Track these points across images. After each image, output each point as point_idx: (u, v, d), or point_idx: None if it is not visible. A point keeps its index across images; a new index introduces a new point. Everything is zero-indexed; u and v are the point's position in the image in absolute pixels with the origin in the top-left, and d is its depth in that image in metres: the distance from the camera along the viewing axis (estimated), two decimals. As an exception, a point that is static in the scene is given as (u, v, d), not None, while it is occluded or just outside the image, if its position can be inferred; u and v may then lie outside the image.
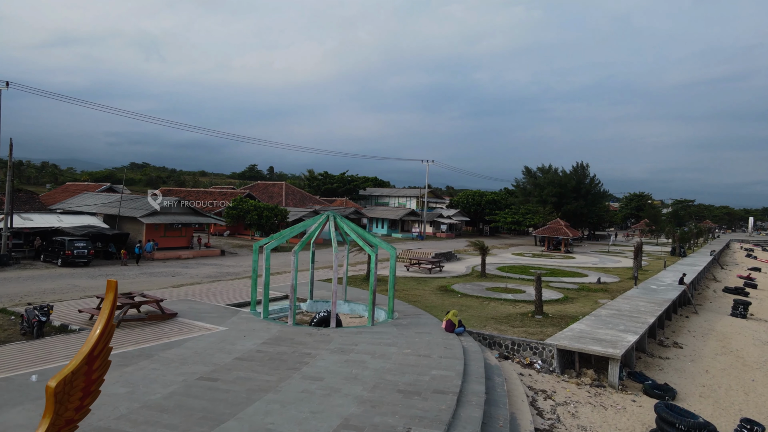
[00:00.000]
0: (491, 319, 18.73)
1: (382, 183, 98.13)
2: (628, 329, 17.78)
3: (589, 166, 72.49)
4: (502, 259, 42.78)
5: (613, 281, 31.33)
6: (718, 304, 33.73)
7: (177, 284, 23.71)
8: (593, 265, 41.43)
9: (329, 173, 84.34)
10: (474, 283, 27.65)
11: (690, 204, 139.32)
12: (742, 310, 29.60)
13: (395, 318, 17.70)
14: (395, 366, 12.17)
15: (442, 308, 20.24)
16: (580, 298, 24.37)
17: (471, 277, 30.27)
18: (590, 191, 72.05)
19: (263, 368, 11.61)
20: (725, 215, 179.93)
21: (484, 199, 78.86)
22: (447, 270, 33.16)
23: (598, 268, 38.67)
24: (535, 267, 36.81)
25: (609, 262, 43.84)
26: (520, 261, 41.40)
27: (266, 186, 66.13)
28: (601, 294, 26.00)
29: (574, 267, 38.83)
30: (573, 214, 67.88)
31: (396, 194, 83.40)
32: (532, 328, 17.52)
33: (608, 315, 20.20)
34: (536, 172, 73.13)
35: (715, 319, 27.72)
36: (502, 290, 25.53)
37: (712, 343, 21.96)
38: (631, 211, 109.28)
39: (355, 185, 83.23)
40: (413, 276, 29.64)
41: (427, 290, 24.76)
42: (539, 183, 70.10)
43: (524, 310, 20.84)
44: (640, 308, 22.04)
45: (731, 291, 38.05)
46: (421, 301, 21.58)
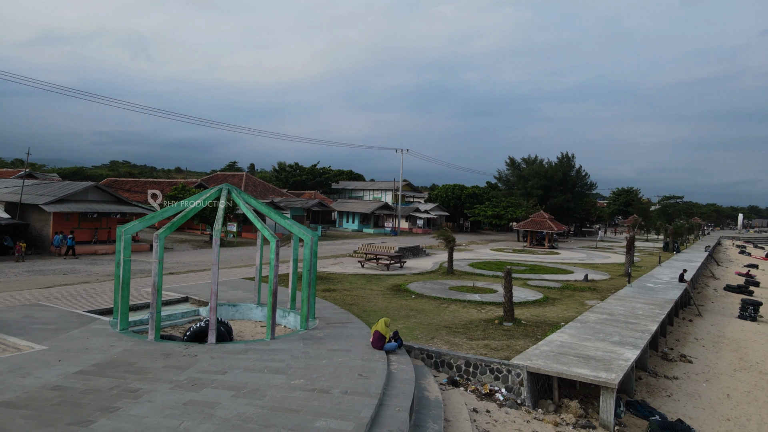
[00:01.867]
0: (444, 328, 14.30)
1: (357, 176, 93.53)
2: (624, 341, 13.47)
3: (575, 157, 68.62)
4: (478, 254, 38.50)
5: (602, 278, 27.19)
6: (721, 304, 29.81)
7: (50, 284, 18.89)
8: (580, 261, 37.35)
9: (299, 165, 79.56)
10: (436, 282, 23.24)
11: (679, 200, 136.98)
12: (752, 312, 25.63)
13: (313, 327, 13.20)
14: (263, 412, 7.66)
15: (385, 313, 15.79)
16: (564, 299, 20.09)
17: (435, 275, 25.87)
18: (577, 183, 68.20)
19: (27, 424, 7.00)
20: (713, 212, 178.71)
21: (465, 192, 74.57)
22: (410, 266, 28.74)
23: (585, 264, 34.57)
24: (514, 263, 32.57)
25: (597, 258, 39.82)
26: (497, 256, 37.14)
27: (225, 177, 61.15)
28: (588, 294, 21.76)
29: (558, 263, 34.70)
30: (559, 208, 63.96)
31: (371, 187, 78.84)
32: (498, 341, 13.13)
33: (598, 321, 15.91)
34: (520, 163, 69.09)
35: (722, 322, 23.68)
36: (469, 290, 21.14)
37: (726, 354, 17.80)
38: (619, 207, 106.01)
39: (327, 178, 78.53)
40: (367, 273, 25.15)
41: (376, 290, 20.28)
42: (523, 175, 66.08)
43: (491, 315, 16.46)
44: (637, 311, 17.80)
45: (734, 289, 34.24)
46: (361, 305, 17.09)
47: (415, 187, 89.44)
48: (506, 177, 69.62)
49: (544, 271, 29.07)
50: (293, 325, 14.27)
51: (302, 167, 78.68)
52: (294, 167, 79.06)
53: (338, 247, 40.45)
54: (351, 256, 32.77)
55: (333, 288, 20.02)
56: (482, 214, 61.56)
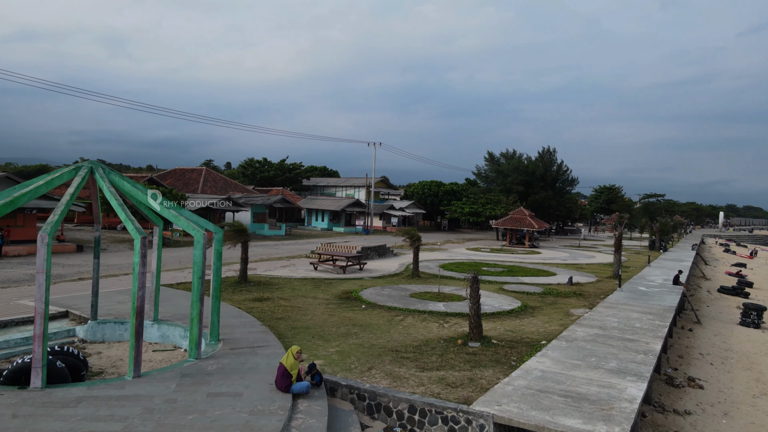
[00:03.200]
0: (390, 353, 11.00)
1: (331, 173, 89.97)
2: (624, 368, 10.34)
3: (556, 151, 66.12)
4: (452, 254, 35.37)
5: (588, 281, 24.23)
6: (718, 308, 27.13)
7: None
8: (562, 261, 34.47)
9: (268, 160, 75.65)
10: (396, 287, 19.95)
11: (660, 198, 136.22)
12: (755, 318, 22.89)
13: (209, 355, 9.79)
14: None
15: (321, 329, 12.47)
16: (545, 308, 16.98)
17: (398, 278, 22.61)
18: (558, 179, 65.68)
19: None
20: (693, 211, 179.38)
21: (442, 189, 71.58)
22: (371, 268, 25.43)
23: (568, 265, 31.67)
24: (490, 264, 29.48)
25: (581, 258, 37.02)
26: (473, 257, 34.05)
27: (183, 172, 57.15)
28: (574, 300, 18.71)
29: (539, 263, 31.74)
30: (540, 205, 61.33)
31: (343, 184, 75.35)
32: (458, 371, 9.89)
33: (588, 337, 12.78)
34: (500, 159, 66.33)
35: (725, 331, 20.87)
36: (433, 296, 17.89)
37: (739, 374, 14.86)
38: (601, 205, 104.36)
39: (297, 174, 74.81)
40: (318, 277, 21.76)
41: (321, 299, 16.92)
42: (502, 170, 63.30)
43: (455, 331, 13.23)
44: (634, 323, 14.75)
45: (729, 291, 31.69)
46: (293, 318, 13.71)
47: (391, 184, 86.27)
48: (485, 173, 66.79)
49: (524, 273, 26.02)
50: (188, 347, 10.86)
51: (271, 163, 74.79)
52: (262, 163, 75.14)
53: (299, 246, 36.98)
54: (308, 257, 29.35)
55: (267, 296, 16.59)
56: (459, 211, 58.56)
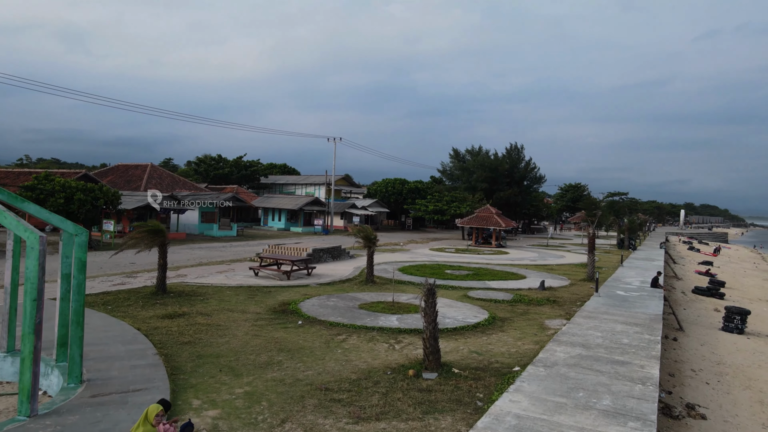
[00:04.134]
0: (316, 394, 8.36)
1: (291, 171, 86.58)
2: (620, 406, 7.97)
3: (524, 148, 64.69)
4: (414, 256, 32.96)
5: (561, 285, 22.15)
6: (695, 311, 25.56)
7: None
8: (532, 261, 32.50)
9: (223, 157, 71.84)
10: (345, 296, 17.31)
11: (623, 197, 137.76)
12: (738, 323, 21.24)
13: (61, 404, 6.94)
14: None
15: (237, 358, 9.73)
16: (516, 319, 14.65)
17: (350, 285, 19.98)
18: (525, 176, 64.27)
19: None
20: (655, 209, 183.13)
21: (406, 187, 69.28)
22: (322, 273, 22.73)
23: (538, 267, 29.66)
24: (454, 266, 27.16)
25: (551, 258, 35.18)
26: (436, 258, 31.71)
27: (127, 168, 53.04)
28: (548, 309, 16.47)
29: (507, 265, 29.63)
30: (506, 203, 59.71)
31: (303, 182, 72.18)
32: (404, 421, 7.32)
33: (570, 361, 10.44)
34: (465, 155, 64.47)
35: (710, 339, 19.07)
36: (386, 308, 15.33)
37: (740, 396, 12.84)
38: (566, 203, 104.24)
39: (254, 171, 71.24)
40: (256, 285, 18.91)
41: (251, 313, 14.13)
42: (468, 167, 61.45)
43: (407, 356, 10.71)
44: (620, 338, 12.54)
45: (703, 292, 30.31)
46: (204, 342, 10.92)
47: (354, 182, 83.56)
48: (450, 170, 64.84)
49: (491, 276, 23.77)
50: (55, 389, 8.03)
51: (226, 159, 71.02)
52: (217, 160, 71.28)
53: (249, 248, 33.92)
54: (253, 261, 26.41)
55: (183, 312, 13.71)
56: (423, 209, 56.33)
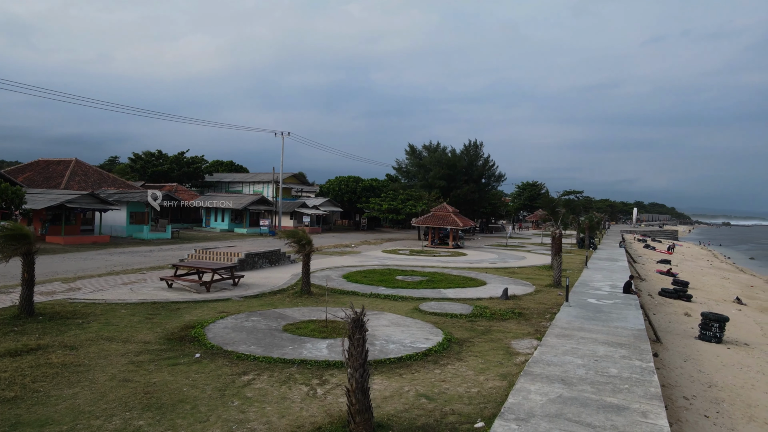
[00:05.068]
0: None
1: (239, 168, 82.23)
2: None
3: (483, 145, 62.91)
4: (365, 259, 30.11)
5: (526, 293, 19.74)
6: (665, 316, 23.81)
7: None
8: (491, 263, 30.21)
9: (163, 153, 67.01)
10: (271, 313, 14.25)
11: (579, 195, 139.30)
12: (716, 331, 19.44)
13: None
14: None
15: (73, 425, 6.56)
16: (477, 341, 12.00)
17: (282, 297, 16.92)
18: (484, 174, 62.53)
19: None
20: (608, 207, 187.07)
21: (360, 185, 66.47)
22: (252, 282, 19.56)
23: (498, 270, 27.34)
24: (407, 271, 24.45)
25: (511, 260, 33.03)
26: (388, 262, 28.95)
27: (47, 164, 47.93)
28: (515, 326, 13.92)
29: (465, 268, 27.19)
30: (463, 201, 57.74)
31: (251, 180, 68.22)
32: None
33: (549, 407, 7.79)
34: (421, 152, 62.14)
35: (690, 351, 17.06)
36: (317, 329, 12.36)
37: (746, 431, 10.61)
38: (524, 202, 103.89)
39: (197, 168, 66.74)
40: (165, 300, 15.59)
41: (136, 342, 10.92)
42: (424, 164, 59.14)
43: (329, 411, 7.80)
44: (606, 366, 10.06)
45: (670, 294, 28.80)
46: (43, 393, 7.69)
47: (306, 180, 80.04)
48: (406, 167, 62.39)
49: (447, 282, 21.15)
50: None
51: (166, 155, 66.25)
52: (156, 156, 66.40)
53: (180, 253, 30.24)
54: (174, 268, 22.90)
55: (43, 343, 10.36)
56: (377, 208, 53.59)
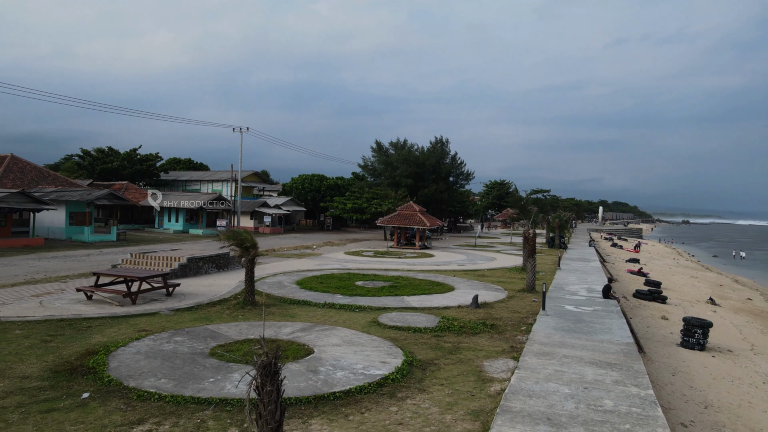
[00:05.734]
0: None
1: (198, 166, 78.85)
2: None
3: (449, 142, 61.55)
4: (325, 261, 28.04)
5: (498, 299, 18.04)
6: (643, 320, 22.57)
7: None
8: (460, 265, 28.56)
9: (114, 149, 63.32)
10: (201, 330, 12.07)
11: (546, 194, 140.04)
12: (700, 338, 18.18)
13: None
14: None
15: None
16: (444, 364, 10.13)
17: (221, 309, 14.73)
18: (451, 172, 61.18)
19: None
20: (574, 206, 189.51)
21: (325, 184, 64.25)
22: (191, 291, 17.29)
23: (467, 272, 25.68)
24: (368, 275, 22.49)
25: (481, 261, 31.48)
26: (349, 265, 26.96)
27: (-20, 160, 44.09)
28: (486, 340, 12.13)
29: (432, 271, 25.44)
30: (431, 200, 56.23)
31: (209, 178, 65.19)
32: None
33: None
34: (388, 149, 60.36)
35: (677, 362, 15.65)
36: (251, 355, 10.26)
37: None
38: (492, 201, 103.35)
39: (150, 165, 63.30)
40: (76, 316, 13.23)
41: (13, 378, 8.63)
42: (391, 161, 57.38)
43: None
44: (598, 396, 8.33)
45: (645, 296, 27.70)
46: None
47: (268, 179, 77.28)
48: (372, 165, 60.49)
49: (411, 288, 19.28)
50: None
51: (117, 152, 62.61)
52: (106, 152, 62.67)
53: (121, 257, 27.56)
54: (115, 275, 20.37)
55: None
56: (341, 207, 51.51)
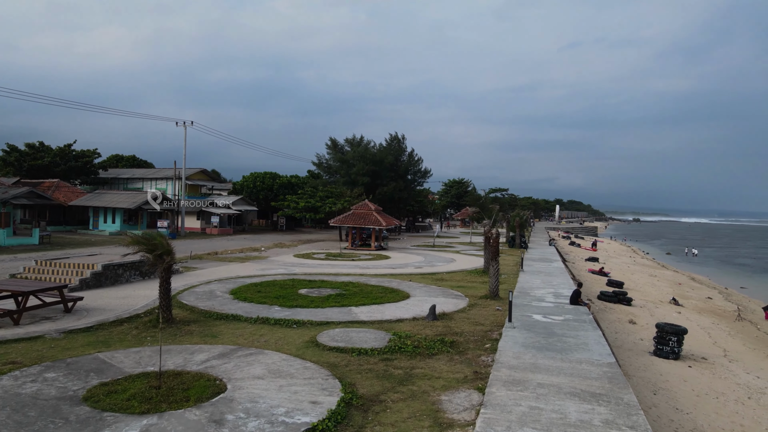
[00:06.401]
0: None
1: (142, 164, 74.40)
2: None
3: (405, 138, 59.81)
4: (269, 266, 25.64)
5: (457, 308, 16.18)
6: (611, 324, 21.27)
7: None
8: (417, 268, 26.69)
9: (45, 144, 58.56)
10: (88, 360, 9.63)
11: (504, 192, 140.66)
12: (674, 346, 16.87)
13: None
14: None
15: None
16: (391, 401, 8.09)
17: (127, 329, 12.25)
18: (409, 169, 59.49)
19: None
20: (531, 205, 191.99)
21: (278, 182, 61.43)
22: (96, 305, 14.67)
23: (425, 276, 23.81)
24: (315, 281, 20.26)
25: (439, 262, 29.73)
26: (296, 269, 24.65)
27: None
28: (445, 363, 10.17)
29: (386, 275, 23.44)
30: (389, 199, 54.36)
31: (152, 176, 61.24)
32: None
33: None
34: (344, 146, 58.11)
35: (654, 376, 14.18)
36: (138, 397, 7.92)
37: None
38: (451, 199, 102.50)
39: (86, 162, 58.90)
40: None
41: None
42: (347, 159, 55.15)
43: None
44: (586, 444, 6.46)
45: (610, 298, 26.57)
46: None
47: (217, 177, 73.69)
48: (327, 162, 58.09)
49: (362, 296, 17.19)
50: None
51: (48, 148, 57.94)
52: (37, 148, 57.87)
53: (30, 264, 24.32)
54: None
55: None
56: (293, 206, 48.94)
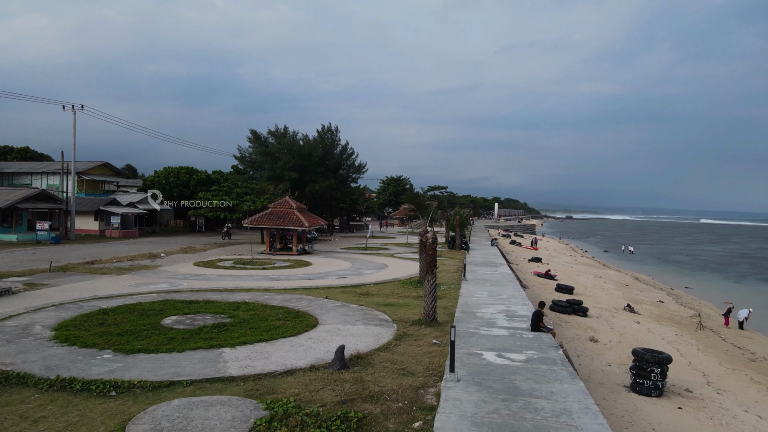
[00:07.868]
0: None
1: (40, 157, 65.87)
2: None
3: (339, 130, 55.35)
4: (154, 278, 20.47)
5: (380, 345, 11.93)
6: (569, 343, 17.74)
7: None
8: (339, 278, 22.29)
9: None
10: None
11: (443, 191, 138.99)
12: (657, 378, 13.38)
13: None
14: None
15: None
16: None
17: None
18: (342, 164, 55.05)
19: None
20: (470, 203, 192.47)
21: (194, 178, 55.25)
22: None
23: (347, 289, 19.43)
24: (198, 301, 15.41)
25: (368, 270, 25.50)
26: (184, 283, 19.64)
27: None
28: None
29: (298, 289, 18.92)
30: (321, 197, 49.72)
31: (43, 170, 53.52)
32: None
33: None
34: (267, 138, 52.80)
35: (642, 429, 10.52)
36: None
37: None
38: (389, 197, 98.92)
39: (-39, 154, 50.56)
40: None
41: None
42: (271, 151, 49.95)
43: None
44: None
45: (564, 309, 23.27)
46: None
47: (124, 172, 66.27)
48: (249, 156, 52.61)
49: (249, 326, 12.57)
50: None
51: None
52: None
53: None
54: None
55: None
56: (206, 205, 43.32)
